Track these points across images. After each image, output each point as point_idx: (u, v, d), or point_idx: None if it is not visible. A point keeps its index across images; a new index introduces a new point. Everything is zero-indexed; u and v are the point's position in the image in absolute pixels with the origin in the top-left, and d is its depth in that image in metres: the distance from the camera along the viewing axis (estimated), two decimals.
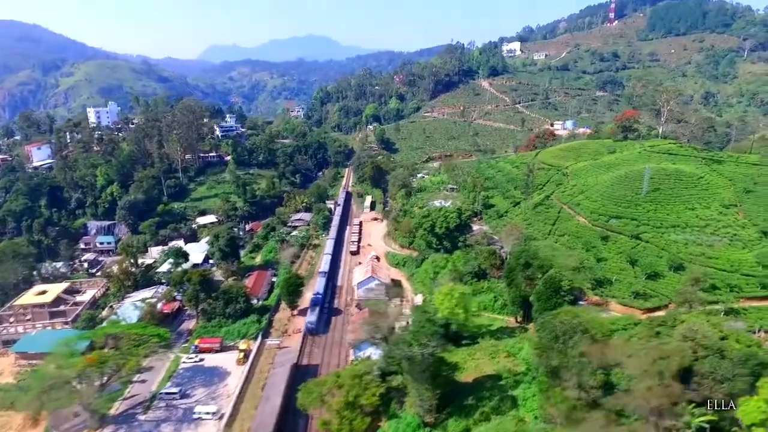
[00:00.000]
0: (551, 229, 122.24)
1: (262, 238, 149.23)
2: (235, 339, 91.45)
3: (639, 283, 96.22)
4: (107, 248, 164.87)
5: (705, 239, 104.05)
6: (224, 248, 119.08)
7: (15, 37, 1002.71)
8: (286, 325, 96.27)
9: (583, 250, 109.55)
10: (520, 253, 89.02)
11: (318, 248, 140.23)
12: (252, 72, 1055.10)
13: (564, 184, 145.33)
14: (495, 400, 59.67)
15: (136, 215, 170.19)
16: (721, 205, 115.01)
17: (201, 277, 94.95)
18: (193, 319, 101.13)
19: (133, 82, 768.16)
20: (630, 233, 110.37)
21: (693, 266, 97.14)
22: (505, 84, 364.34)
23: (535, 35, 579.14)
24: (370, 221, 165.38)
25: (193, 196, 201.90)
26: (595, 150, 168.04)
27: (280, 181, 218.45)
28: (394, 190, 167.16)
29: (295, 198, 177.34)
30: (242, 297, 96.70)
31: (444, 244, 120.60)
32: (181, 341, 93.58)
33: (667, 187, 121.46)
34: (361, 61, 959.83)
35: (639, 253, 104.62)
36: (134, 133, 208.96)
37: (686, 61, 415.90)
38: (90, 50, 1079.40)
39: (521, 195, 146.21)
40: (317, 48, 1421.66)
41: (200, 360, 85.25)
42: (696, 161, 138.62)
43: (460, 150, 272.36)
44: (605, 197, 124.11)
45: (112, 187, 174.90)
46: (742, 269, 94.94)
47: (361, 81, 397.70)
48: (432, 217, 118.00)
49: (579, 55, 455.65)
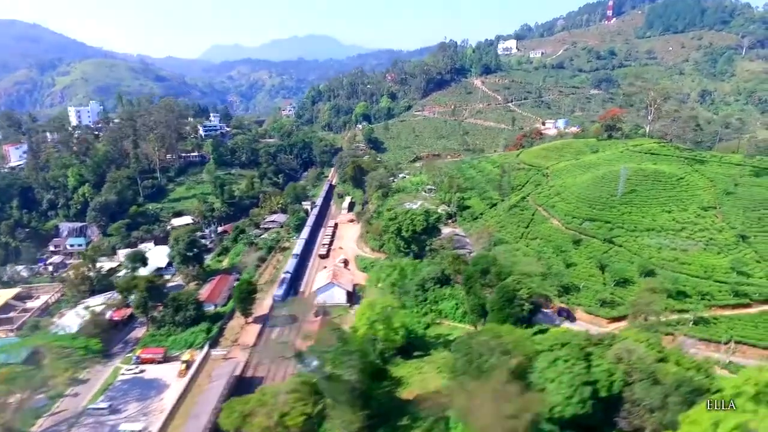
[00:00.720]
0: (524, 232, 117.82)
1: (231, 241, 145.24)
2: (181, 349, 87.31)
3: (607, 290, 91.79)
4: (77, 250, 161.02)
5: (679, 243, 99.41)
6: (184, 252, 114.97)
7: (15, 37, 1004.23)
8: (237, 334, 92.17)
9: (553, 254, 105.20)
10: (479, 259, 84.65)
11: (287, 251, 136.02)
12: (251, 71, 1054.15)
13: (543, 184, 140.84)
14: (429, 421, 55.33)
15: (108, 217, 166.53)
16: (700, 208, 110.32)
17: (148, 283, 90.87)
18: (146, 327, 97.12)
19: (130, 82, 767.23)
20: (602, 237, 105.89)
21: (665, 272, 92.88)
22: (498, 82, 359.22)
23: (533, 33, 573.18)
24: (347, 223, 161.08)
25: (171, 196, 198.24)
26: (578, 149, 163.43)
27: (261, 182, 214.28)
28: (371, 190, 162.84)
29: (271, 199, 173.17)
30: (192, 304, 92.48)
31: (412, 248, 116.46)
32: (126, 350, 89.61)
33: (645, 189, 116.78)
34: (362, 60, 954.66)
35: (610, 258, 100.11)
36: (110, 133, 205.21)
37: (684, 59, 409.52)
38: (90, 50, 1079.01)
39: (499, 196, 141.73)
40: (319, 47, 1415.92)
41: (140, 372, 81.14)
42: (678, 161, 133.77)
43: (449, 149, 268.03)
44: (580, 199, 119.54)
45: (84, 188, 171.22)
46: (716, 275, 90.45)
47: (353, 80, 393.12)
48: (398, 219, 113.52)
49: (576, 53, 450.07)
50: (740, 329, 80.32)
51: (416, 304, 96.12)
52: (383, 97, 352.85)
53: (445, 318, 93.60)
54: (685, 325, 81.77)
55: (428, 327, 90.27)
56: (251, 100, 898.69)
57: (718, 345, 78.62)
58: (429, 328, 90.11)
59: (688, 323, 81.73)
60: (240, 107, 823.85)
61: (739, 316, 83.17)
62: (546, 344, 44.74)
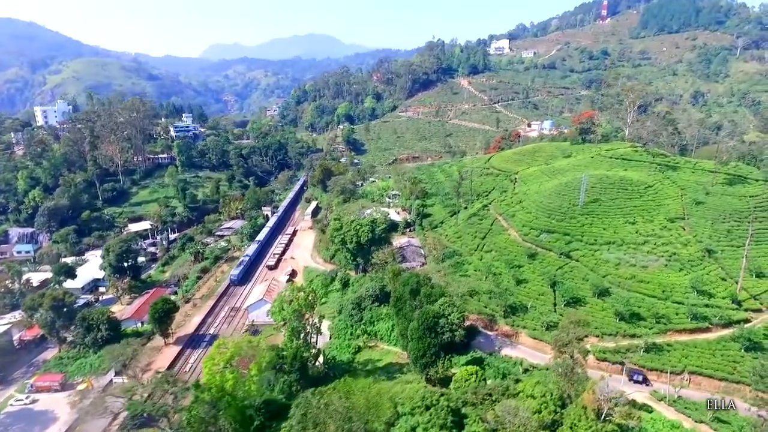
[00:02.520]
0: (480, 244, 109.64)
1: (179, 250, 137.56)
2: (85, 374, 79.90)
3: (557, 311, 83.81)
4: (25, 257, 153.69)
5: (640, 259, 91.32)
6: (114, 263, 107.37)
7: (11, 35, 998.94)
8: (152, 358, 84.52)
9: (505, 269, 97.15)
10: (408, 279, 76.83)
11: (235, 261, 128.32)
12: (247, 70, 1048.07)
13: (509, 191, 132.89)
14: None
15: (59, 222, 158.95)
16: (666, 219, 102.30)
17: (54, 300, 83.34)
18: (58, 348, 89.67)
19: (122, 80, 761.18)
20: (559, 251, 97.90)
21: (620, 291, 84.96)
22: (485, 83, 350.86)
23: (528, 33, 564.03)
24: (307, 230, 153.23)
25: (133, 200, 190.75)
26: (550, 154, 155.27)
27: (231, 185, 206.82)
28: (332, 196, 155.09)
29: (230, 204, 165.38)
30: (104, 324, 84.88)
31: (357, 261, 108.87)
32: (28, 376, 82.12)
33: (609, 198, 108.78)
34: (359, 59, 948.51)
35: (565, 274, 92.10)
36: (69, 134, 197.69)
37: (677, 60, 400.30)
38: (86, 48, 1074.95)
39: (461, 203, 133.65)
40: (319, 46, 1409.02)
41: (32, 402, 73.64)
42: (650, 168, 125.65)
43: (430, 151, 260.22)
44: (540, 208, 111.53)
45: (34, 192, 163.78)
46: (674, 296, 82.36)
47: (339, 79, 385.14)
48: (343, 230, 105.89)
49: (568, 53, 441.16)
50: (695, 357, 72.25)
51: (350, 325, 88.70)
52: (368, 97, 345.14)
53: (381, 340, 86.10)
54: (635, 352, 73.86)
55: (359, 351, 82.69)
56: (246, 99, 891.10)
57: (673, 376, 70.82)
58: (360, 353, 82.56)
59: (639, 350, 73.78)
60: (235, 107, 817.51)
61: (695, 342, 75.14)
62: (407, 406, 36.94)
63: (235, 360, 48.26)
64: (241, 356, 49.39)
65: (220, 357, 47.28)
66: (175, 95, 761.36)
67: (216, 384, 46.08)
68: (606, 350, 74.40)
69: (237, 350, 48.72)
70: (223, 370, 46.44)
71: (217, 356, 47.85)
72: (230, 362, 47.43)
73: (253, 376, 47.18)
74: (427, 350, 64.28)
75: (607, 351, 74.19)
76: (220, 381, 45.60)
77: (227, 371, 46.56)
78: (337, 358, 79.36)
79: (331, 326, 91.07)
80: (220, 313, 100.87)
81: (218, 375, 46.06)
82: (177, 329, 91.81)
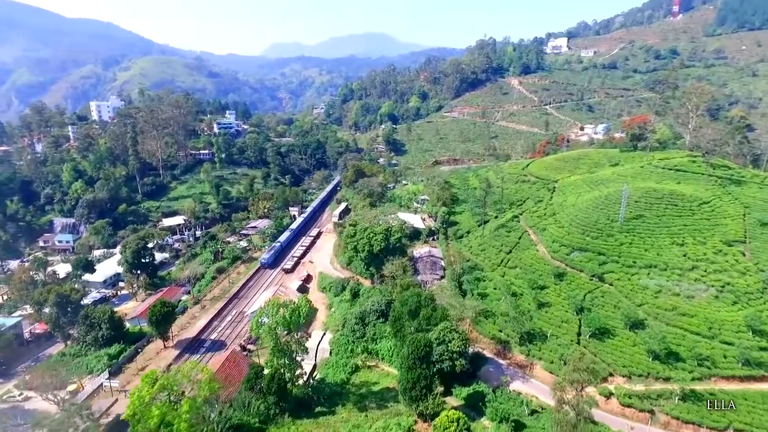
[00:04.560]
0: (504, 259, 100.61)
1: (201, 248, 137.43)
2: (83, 374, 79.13)
3: (580, 342, 74.01)
4: (65, 247, 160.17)
5: (685, 288, 79.31)
6: (130, 260, 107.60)
7: (90, 35, 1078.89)
8: (150, 361, 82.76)
9: (529, 288, 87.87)
10: (408, 298, 69.99)
11: (254, 263, 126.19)
12: (303, 68, 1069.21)
13: (544, 201, 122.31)
14: None
15: (97, 214, 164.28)
16: (722, 241, 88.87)
17: (59, 296, 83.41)
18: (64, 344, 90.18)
19: (184, 77, 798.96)
20: (591, 272, 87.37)
21: (656, 324, 73.82)
22: (537, 83, 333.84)
23: (589, 31, 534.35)
24: (332, 232, 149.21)
25: (171, 195, 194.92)
26: (596, 161, 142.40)
27: (266, 183, 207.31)
28: (358, 198, 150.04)
29: (259, 203, 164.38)
30: (106, 322, 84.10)
31: (370, 270, 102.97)
32: (31, 369, 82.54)
33: (655, 214, 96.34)
34: (414, 58, 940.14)
35: (595, 299, 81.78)
36: (114, 128, 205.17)
37: (759, 59, 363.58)
38: (155, 46, 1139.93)
39: (492, 213, 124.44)
40: (375, 45, 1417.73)
41: (24, 399, 73.40)
42: (708, 181, 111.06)
43: (472, 154, 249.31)
44: (574, 223, 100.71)
45: (77, 184, 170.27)
46: (724, 334, 70.31)
47: (386, 78, 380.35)
48: (357, 237, 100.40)
49: (632, 51, 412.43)
50: (745, 413, 60.65)
51: (352, 341, 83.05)
52: (413, 97, 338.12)
53: (382, 360, 79.85)
54: (668, 399, 63.29)
55: (356, 371, 76.85)
56: (300, 97, 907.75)
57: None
58: (357, 372, 76.71)
59: (674, 397, 63.11)
60: (289, 104, 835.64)
61: (745, 392, 63.33)
62: None
63: (164, 394, 43.55)
64: (174, 391, 44.58)
65: (146, 391, 42.59)
66: (232, 92, 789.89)
67: (135, 421, 41.35)
68: (633, 394, 64.26)
69: (167, 382, 43.93)
70: (148, 405, 41.76)
71: (145, 387, 43.35)
72: (157, 396, 42.65)
73: (184, 413, 41.98)
74: (417, 382, 57.42)
75: (635, 395, 64.03)
76: (144, 416, 40.86)
77: (153, 407, 41.81)
78: (331, 377, 73.89)
79: (332, 340, 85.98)
80: (226, 317, 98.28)
81: (143, 409, 41.35)
82: (180, 332, 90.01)
